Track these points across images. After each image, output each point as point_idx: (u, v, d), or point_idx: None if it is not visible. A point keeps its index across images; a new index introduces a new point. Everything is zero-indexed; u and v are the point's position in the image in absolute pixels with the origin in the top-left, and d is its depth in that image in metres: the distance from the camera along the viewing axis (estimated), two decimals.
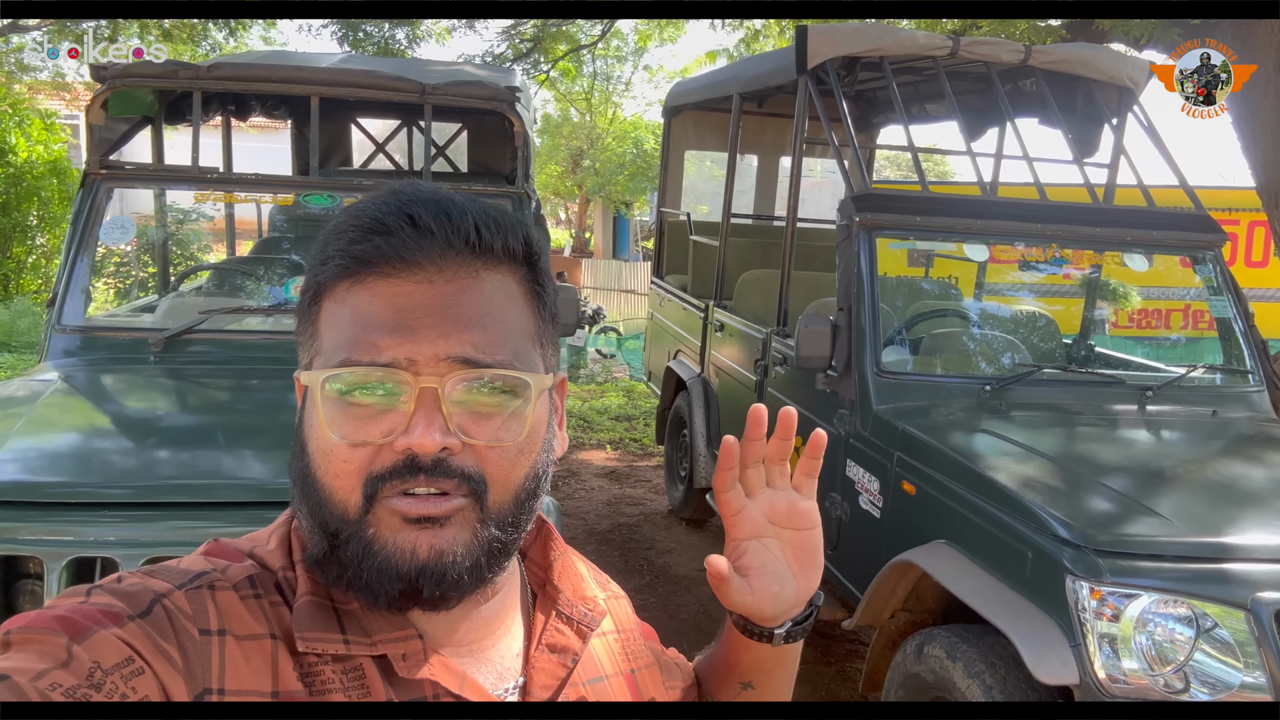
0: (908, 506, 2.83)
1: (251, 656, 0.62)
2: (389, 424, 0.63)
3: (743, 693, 0.88)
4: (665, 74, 20.17)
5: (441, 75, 3.52)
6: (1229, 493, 2.46)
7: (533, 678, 0.73)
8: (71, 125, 13.13)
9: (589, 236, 22.76)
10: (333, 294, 0.66)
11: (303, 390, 0.69)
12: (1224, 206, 7.62)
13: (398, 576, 0.63)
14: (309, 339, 0.68)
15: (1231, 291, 3.50)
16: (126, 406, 2.73)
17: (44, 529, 1.99)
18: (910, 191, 3.60)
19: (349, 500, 0.64)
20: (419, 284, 0.64)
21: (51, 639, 0.55)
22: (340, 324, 0.65)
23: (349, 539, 0.64)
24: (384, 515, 0.63)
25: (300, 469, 0.67)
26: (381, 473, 0.63)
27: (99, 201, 3.12)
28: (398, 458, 0.63)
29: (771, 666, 0.86)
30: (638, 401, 8.42)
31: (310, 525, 0.67)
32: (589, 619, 0.78)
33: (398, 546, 0.63)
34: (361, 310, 0.64)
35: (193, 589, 0.63)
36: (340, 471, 0.64)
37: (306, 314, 0.69)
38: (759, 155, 6.26)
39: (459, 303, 0.64)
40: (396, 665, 0.65)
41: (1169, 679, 2.04)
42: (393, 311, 0.63)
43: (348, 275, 0.65)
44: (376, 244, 0.64)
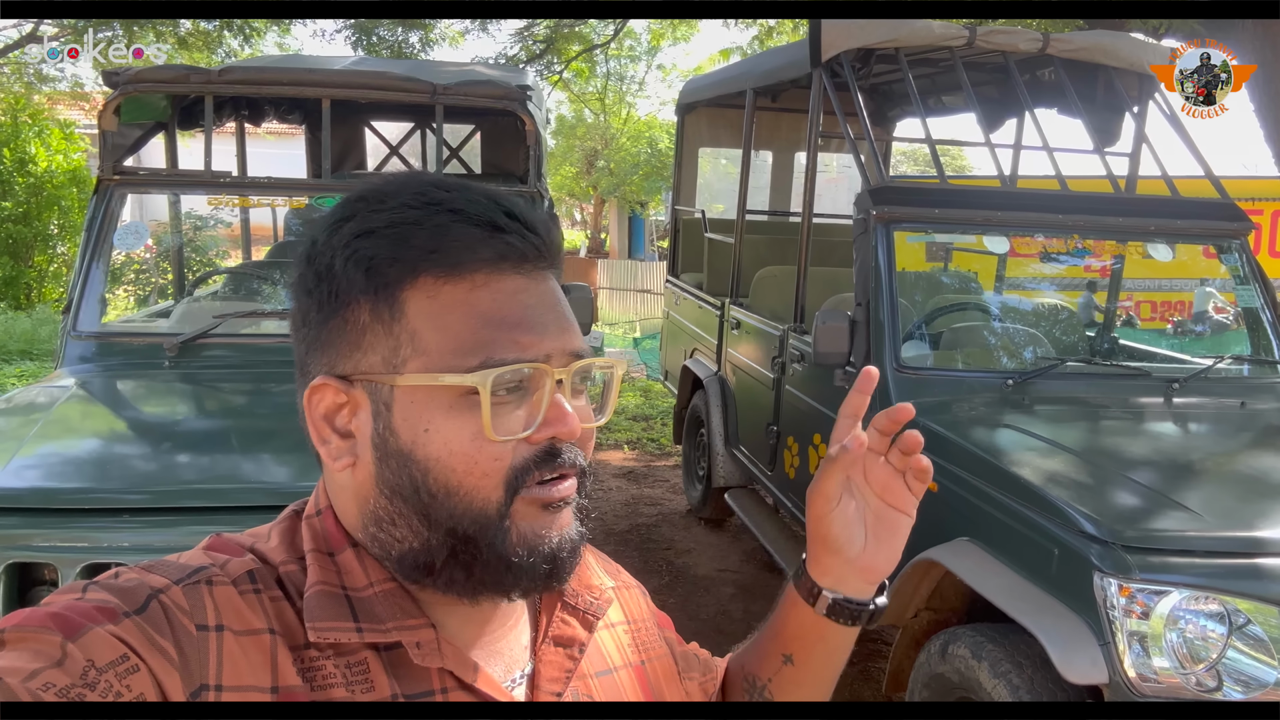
0: (930, 503, 2.76)
1: (249, 651, 0.61)
2: (526, 417, 0.64)
3: (784, 668, 0.87)
4: (679, 73, 20.14)
5: (453, 76, 3.51)
6: (1260, 485, 2.41)
7: (540, 670, 0.73)
8: (90, 134, 13.24)
9: (604, 237, 22.77)
10: (434, 293, 0.63)
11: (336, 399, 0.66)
12: (1247, 196, 7.52)
13: (546, 558, 0.65)
14: (387, 339, 0.64)
15: (1259, 281, 3.43)
16: (142, 412, 2.74)
17: (59, 536, 1.99)
18: (928, 184, 3.55)
19: (491, 498, 0.64)
20: (532, 281, 0.66)
21: (46, 637, 0.54)
22: (459, 323, 0.63)
23: (492, 538, 0.64)
24: (522, 507, 0.65)
25: (410, 480, 0.64)
26: (523, 465, 0.64)
27: (113, 207, 3.12)
28: (535, 449, 0.65)
29: (812, 641, 0.85)
30: (655, 401, 8.39)
31: (423, 534, 0.64)
32: (594, 608, 0.77)
33: (543, 533, 0.65)
34: (484, 308, 0.64)
35: (190, 584, 0.62)
36: (490, 470, 0.63)
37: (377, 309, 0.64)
38: (774, 151, 6.22)
39: (558, 300, 0.68)
40: (411, 653, 0.64)
41: (1201, 677, 1.99)
42: (520, 309, 0.65)
43: (462, 274, 0.64)
44: (503, 242, 0.64)
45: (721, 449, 4.75)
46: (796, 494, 3.89)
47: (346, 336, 0.65)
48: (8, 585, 1.95)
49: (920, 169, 18.94)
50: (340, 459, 0.67)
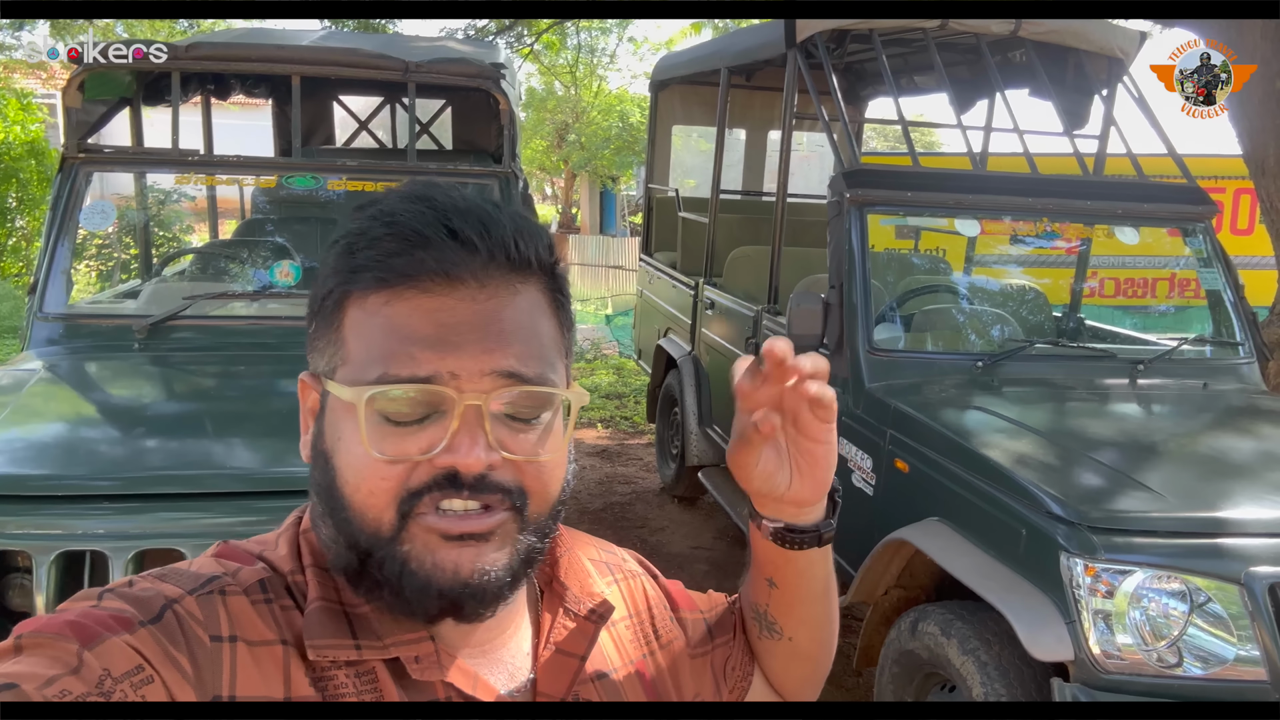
0: (901, 484, 2.83)
1: (263, 662, 0.61)
2: (428, 440, 0.62)
3: (772, 591, 0.87)
4: (650, 46, 19.96)
5: (425, 53, 3.46)
6: (1221, 466, 2.47)
7: (540, 678, 0.73)
8: (48, 104, 12.91)
9: (575, 212, 22.64)
10: (363, 304, 0.64)
11: (312, 393, 0.68)
12: (1211, 174, 7.63)
13: (439, 595, 0.62)
14: (330, 345, 0.66)
15: (1222, 262, 3.50)
16: (112, 396, 2.70)
17: (31, 523, 1.97)
18: (901, 166, 3.57)
19: (382, 518, 0.62)
20: (461, 300, 0.62)
21: (63, 644, 0.55)
22: (373, 335, 0.63)
23: (383, 559, 0.62)
24: (419, 533, 0.62)
25: (325, 482, 0.65)
26: (418, 488, 0.62)
27: (78, 186, 3.06)
28: (436, 473, 0.62)
29: (781, 565, 0.84)
30: (628, 379, 8.40)
31: (335, 537, 0.65)
32: (595, 616, 0.77)
33: (438, 565, 0.62)
34: (399, 323, 0.62)
35: (203, 594, 0.62)
36: (376, 489, 0.62)
37: (327, 318, 0.66)
38: (747, 129, 6.21)
39: (500, 319, 0.63)
40: (410, 668, 0.65)
41: (1163, 654, 2.05)
42: (435, 327, 0.62)
43: (385, 287, 0.62)
44: (419, 258, 0.62)
45: (695, 428, 4.78)
46: None
47: (316, 338, 0.68)
48: None
49: (891, 145, 19.01)
50: (304, 451, 0.69)
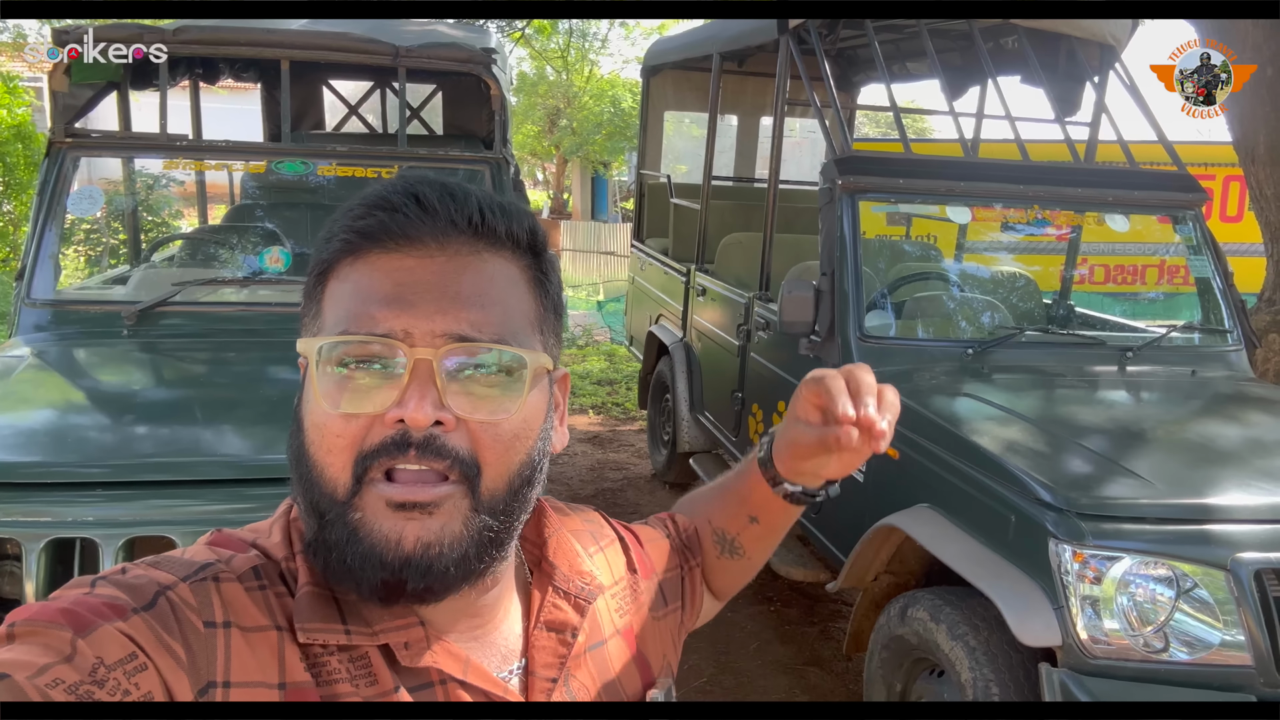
0: (891, 471, 2.84)
1: (257, 648, 0.61)
2: (383, 397, 0.62)
3: (750, 525, 0.94)
4: (642, 30, 19.87)
5: (415, 37, 3.43)
6: (1208, 453, 2.49)
7: (534, 656, 0.73)
8: (35, 88, 12.77)
9: (567, 198, 22.56)
10: (337, 272, 0.66)
11: (304, 366, 0.68)
12: (1200, 161, 7.66)
13: (381, 565, 0.61)
14: (312, 317, 0.68)
15: (1211, 250, 3.51)
16: (102, 382, 2.69)
17: (20, 510, 1.97)
18: (892, 153, 3.57)
19: (339, 479, 0.62)
20: (420, 259, 0.64)
21: (56, 632, 0.55)
22: (341, 298, 0.65)
23: (334, 521, 0.62)
24: (370, 499, 0.62)
25: (296, 447, 0.66)
26: (371, 449, 0.62)
27: (65, 171, 3.04)
28: (389, 432, 0.61)
29: (775, 510, 0.92)
30: (619, 365, 8.40)
31: (304, 506, 0.66)
32: (586, 593, 0.78)
33: (382, 534, 0.61)
34: (361, 284, 0.64)
35: (197, 581, 0.62)
36: (333, 446, 0.62)
37: (312, 293, 0.68)
38: (739, 115, 6.19)
39: (459, 280, 0.64)
40: (399, 654, 0.65)
41: (1149, 639, 2.07)
42: (392, 285, 0.63)
43: (350, 251, 0.65)
44: (380, 219, 0.64)
45: (687, 415, 4.79)
46: None
47: (304, 316, 0.70)
48: None
49: (882, 131, 18.97)
50: None
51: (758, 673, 3.46)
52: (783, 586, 4.07)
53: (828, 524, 3.26)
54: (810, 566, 3.47)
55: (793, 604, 3.99)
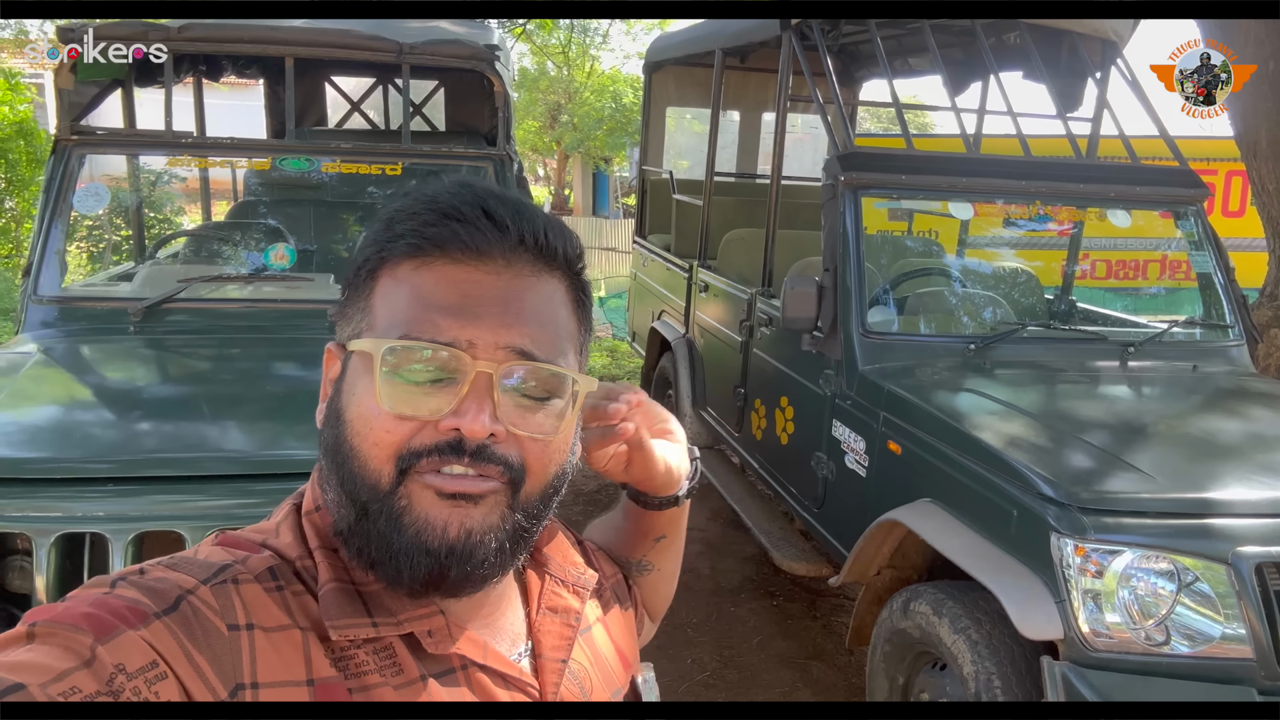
0: (893, 466, 2.86)
1: (281, 647, 0.62)
2: (438, 402, 0.64)
3: (657, 544, 0.97)
4: (643, 26, 19.82)
5: (418, 33, 3.44)
6: (1209, 448, 2.50)
7: (540, 640, 0.77)
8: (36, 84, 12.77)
9: (568, 193, 22.54)
10: (395, 271, 0.67)
11: (336, 361, 0.70)
12: (1203, 156, 7.64)
13: (427, 553, 0.64)
14: (359, 311, 0.69)
15: (1213, 245, 3.52)
16: (109, 379, 2.70)
17: (31, 505, 1.98)
18: (895, 149, 3.58)
19: (383, 470, 0.64)
20: (486, 273, 0.66)
21: (76, 636, 0.55)
22: (399, 300, 0.66)
23: (379, 512, 0.64)
24: (416, 489, 0.64)
25: (333, 438, 0.67)
26: (420, 449, 0.64)
27: (71, 168, 3.05)
28: (441, 437, 0.64)
29: (674, 521, 0.97)
30: (621, 362, 8.41)
31: (338, 497, 0.67)
32: (582, 580, 0.82)
33: (429, 522, 0.64)
34: (425, 290, 0.65)
35: (218, 583, 0.63)
36: (380, 440, 0.64)
37: (360, 286, 0.69)
38: (741, 111, 6.20)
39: (521, 298, 0.67)
40: (424, 642, 0.67)
41: (1151, 632, 2.08)
42: (459, 296, 0.65)
43: (416, 254, 0.66)
44: (452, 229, 0.65)
45: (689, 410, 4.80)
46: (763, 454, 3.95)
47: (343, 308, 0.71)
48: None
49: (884, 126, 18.94)
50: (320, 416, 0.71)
51: (761, 667, 3.48)
52: (785, 581, 4.09)
53: (830, 519, 3.28)
54: (813, 561, 3.49)
55: (795, 599, 4.01)
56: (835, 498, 3.24)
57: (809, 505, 3.44)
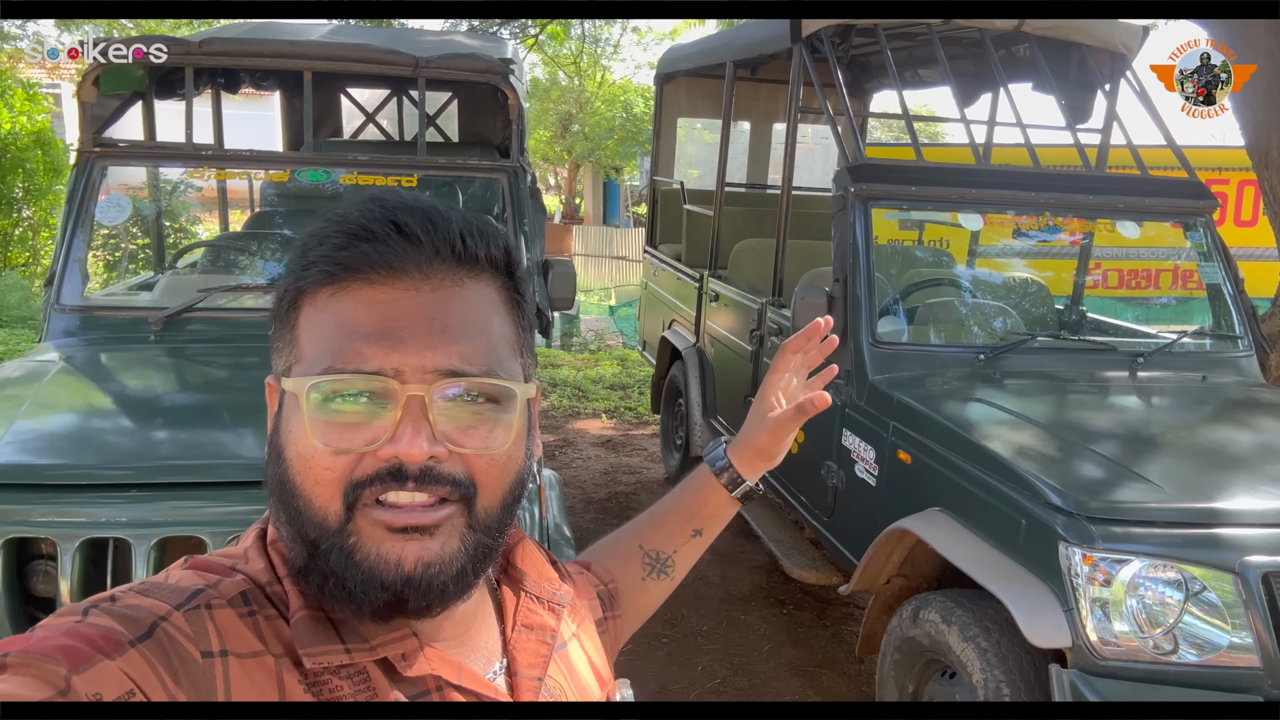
0: (903, 475, 2.88)
1: (254, 674, 0.62)
2: (373, 432, 0.63)
3: (692, 539, 1.03)
4: (654, 36, 19.93)
5: (434, 47, 3.49)
6: (1218, 458, 2.51)
7: (516, 657, 0.76)
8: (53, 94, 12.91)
9: (579, 202, 22.63)
10: (314, 300, 0.65)
11: (277, 395, 0.68)
12: (1214, 166, 7.64)
13: (382, 587, 0.63)
14: (287, 345, 0.67)
15: (1222, 256, 3.53)
16: (131, 386, 2.75)
17: (55, 511, 2.02)
18: (905, 161, 3.60)
19: (329, 508, 0.63)
20: (405, 291, 0.64)
21: (50, 667, 0.54)
22: (323, 330, 0.64)
23: (329, 550, 0.63)
24: (365, 525, 0.63)
25: (277, 476, 0.66)
26: (362, 479, 0.62)
27: (94, 180, 3.11)
28: (381, 465, 0.62)
29: (722, 517, 1.05)
30: (631, 370, 8.45)
31: (290, 534, 0.66)
32: (558, 596, 0.81)
33: (381, 557, 0.63)
34: (346, 317, 0.64)
35: (191, 609, 0.62)
36: (321, 479, 0.63)
37: (284, 319, 0.68)
38: (751, 122, 6.24)
39: (445, 312, 0.64)
40: (398, 665, 0.67)
41: (1159, 641, 2.10)
42: (379, 319, 0.63)
43: (331, 281, 0.64)
44: (363, 250, 0.63)
45: (699, 419, 4.83)
46: None
47: (273, 340, 0.69)
48: (6, 560, 1.98)
49: (894, 135, 18.95)
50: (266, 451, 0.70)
51: (770, 675, 3.49)
52: (795, 590, 4.10)
53: (840, 528, 3.30)
54: (822, 570, 3.50)
55: (805, 607, 4.02)
56: (845, 506, 3.26)
57: (819, 514, 3.46)
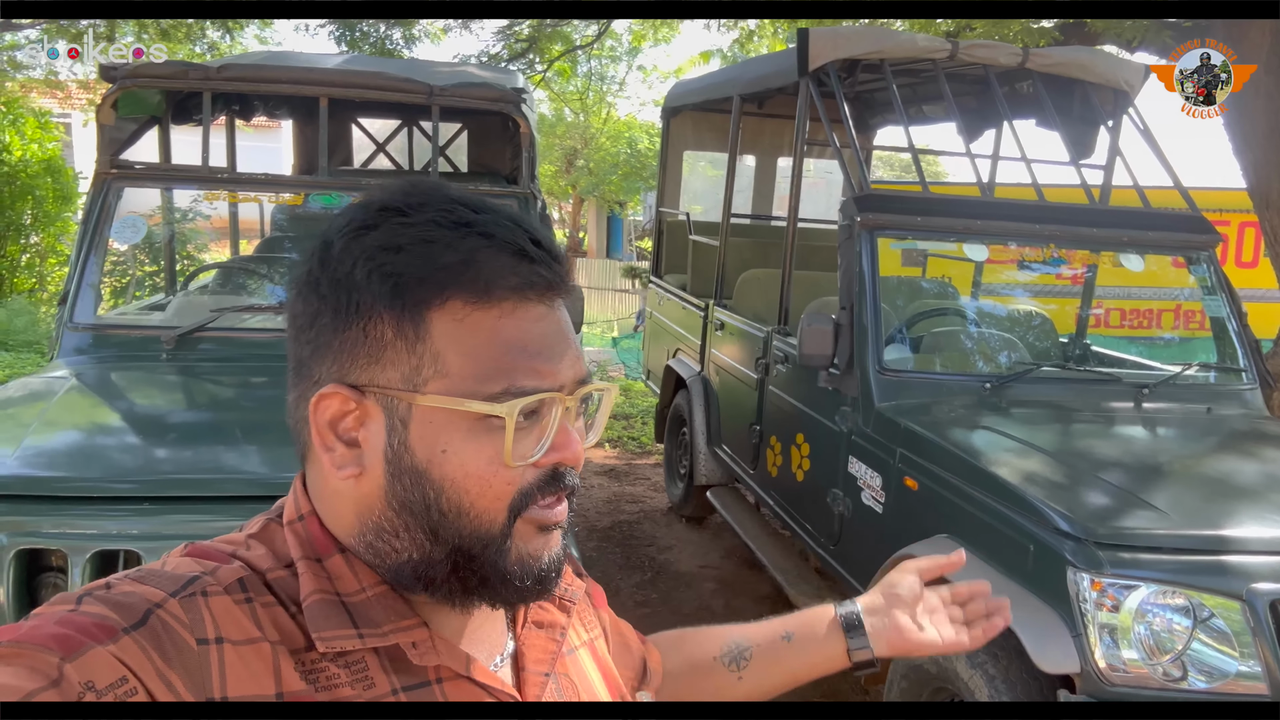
0: (910, 502, 2.88)
1: (250, 662, 0.61)
2: (535, 442, 0.67)
3: (782, 644, 1.07)
4: (659, 74, 20.19)
5: (447, 77, 3.56)
6: (1224, 487, 2.52)
7: (525, 652, 0.77)
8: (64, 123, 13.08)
9: (583, 236, 22.79)
10: (448, 311, 0.64)
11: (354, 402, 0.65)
12: (1215, 207, 7.71)
13: (535, 578, 0.69)
14: (413, 355, 0.64)
15: (1225, 291, 3.56)
16: (142, 403, 2.77)
17: (68, 523, 2.03)
18: (910, 192, 3.65)
19: (497, 519, 0.66)
20: (551, 309, 0.68)
21: (42, 656, 0.54)
22: (485, 348, 0.64)
23: (492, 557, 0.67)
24: (521, 528, 0.68)
25: (422, 498, 0.65)
26: (529, 488, 0.67)
27: (110, 201, 3.15)
28: (541, 473, 0.68)
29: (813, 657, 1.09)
30: (635, 400, 8.46)
31: (424, 550, 0.67)
32: (569, 593, 0.83)
33: (533, 554, 0.69)
34: (509, 336, 0.65)
35: (186, 596, 0.61)
36: (501, 494, 0.66)
37: (403, 326, 0.64)
38: (757, 155, 6.31)
39: (568, 326, 0.70)
40: (409, 653, 0.67)
41: (1167, 668, 2.09)
42: (542, 338, 0.66)
43: (491, 300, 0.64)
44: (524, 271, 0.65)
45: (704, 448, 4.83)
46: (778, 492, 3.98)
47: (364, 348, 0.65)
48: (18, 571, 1.99)
49: (896, 174, 19.14)
50: (345, 468, 0.66)
51: (773, 707, 3.46)
52: None
53: (847, 556, 3.29)
54: (829, 599, 3.48)
55: None
56: (851, 534, 3.26)
57: (825, 542, 3.45)
